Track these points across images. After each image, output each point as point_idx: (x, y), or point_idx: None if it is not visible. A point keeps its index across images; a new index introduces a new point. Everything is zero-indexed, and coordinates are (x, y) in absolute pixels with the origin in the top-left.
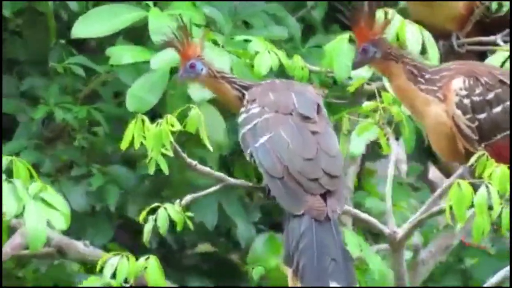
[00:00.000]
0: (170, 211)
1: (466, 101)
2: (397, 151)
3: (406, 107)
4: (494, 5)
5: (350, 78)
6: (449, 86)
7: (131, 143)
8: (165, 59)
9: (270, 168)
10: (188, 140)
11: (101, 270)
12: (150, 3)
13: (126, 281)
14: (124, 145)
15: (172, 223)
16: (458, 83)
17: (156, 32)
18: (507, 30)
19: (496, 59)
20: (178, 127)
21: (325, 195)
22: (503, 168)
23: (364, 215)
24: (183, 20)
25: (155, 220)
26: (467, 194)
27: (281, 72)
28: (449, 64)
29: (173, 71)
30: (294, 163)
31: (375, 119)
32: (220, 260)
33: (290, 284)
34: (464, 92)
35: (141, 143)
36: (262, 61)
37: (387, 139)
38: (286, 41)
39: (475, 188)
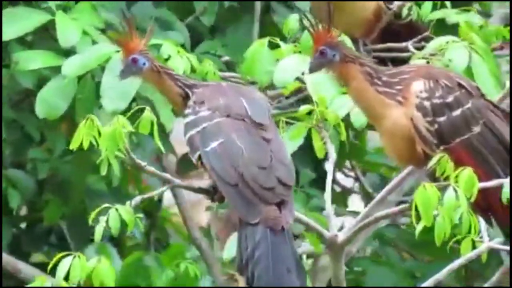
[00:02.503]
0: (122, 212)
1: (427, 103)
2: (334, 156)
3: (361, 110)
4: (404, 11)
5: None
6: (409, 88)
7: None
8: (76, 64)
9: (223, 174)
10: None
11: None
12: (53, 5)
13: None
14: (74, 145)
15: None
16: (418, 86)
17: (64, 36)
18: (419, 37)
19: None
20: (129, 128)
21: (279, 204)
22: (470, 171)
23: (305, 218)
24: (126, 14)
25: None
26: (434, 196)
27: None
28: (404, 67)
29: (81, 75)
30: (249, 171)
31: (311, 122)
32: None
33: None
34: (424, 95)
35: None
36: (175, 65)
37: (324, 143)
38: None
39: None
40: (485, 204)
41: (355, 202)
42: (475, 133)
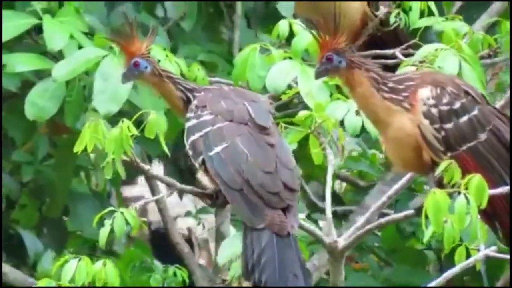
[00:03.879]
0: (127, 216)
1: (434, 110)
2: (334, 161)
3: (367, 115)
4: (392, 20)
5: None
6: (415, 95)
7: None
8: (66, 68)
9: (228, 179)
10: None
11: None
12: (39, 9)
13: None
14: (77, 148)
15: None
16: (425, 92)
17: (51, 40)
18: (406, 44)
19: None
20: (135, 132)
21: (284, 209)
22: (479, 178)
23: (307, 225)
24: (128, 17)
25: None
26: (444, 203)
27: None
28: (410, 73)
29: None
30: (255, 176)
31: (310, 128)
32: None
33: None
34: (431, 102)
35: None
36: None
37: (323, 149)
38: None
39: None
40: (491, 210)
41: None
42: (482, 140)
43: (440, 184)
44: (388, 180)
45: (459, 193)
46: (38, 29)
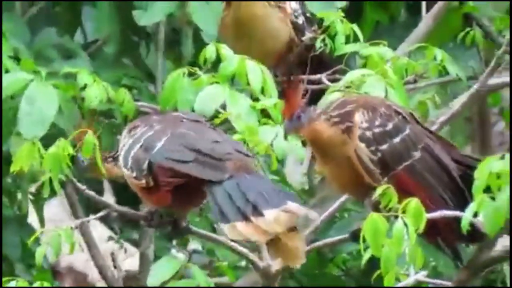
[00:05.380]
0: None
1: (368, 133)
2: None
3: (316, 151)
4: (318, 45)
5: None
6: (352, 120)
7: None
8: None
9: (178, 156)
10: None
11: None
12: None
13: None
14: (15, 167)
15: None
16: (359, 117)
17: None
18: (333, 69)
19: (329, 99)
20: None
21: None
22: (417, 202)
23: (240, 247)
24: None
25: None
26: (382, 226)
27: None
28: (346, 97)
29: None
30: (205, 146)
31: None
32: None
33: (256, 234)
34: (365, 125)
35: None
36: (91, 93)
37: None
38: None
39: None
40: (431, 226)
41: None
42: (416, 158)
43: (376, 209)
44: (312, 205)
45: (396, 217)
46: None
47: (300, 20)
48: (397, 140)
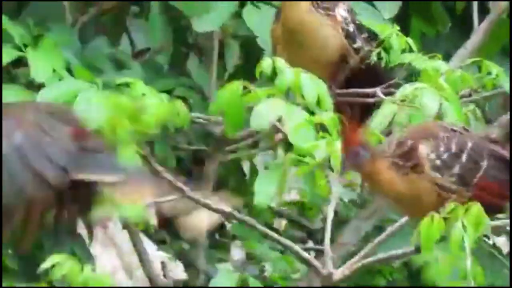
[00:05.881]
0: None
1: (438, 162)
2: (338, 193)
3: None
4: (373, 57)
5: None
6: (417, 155)
7: None
8: (49, 98)
9: None
10: None
11: None
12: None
13: None
14: None
15: None
16: (424, 149)
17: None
18: (388, 83)
19: (383, 113)
20: None
21: None
22: (479, 208)
23: (304, 254)
24: None
25: None
26: (437, 228)
27: None
28: (398, 133)
29: None
30: None
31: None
32: None
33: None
34: (433, 156)
35: None
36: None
37: (328, 181)
38: None
39: None
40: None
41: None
42: (486, 167)
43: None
44: (363, 218)
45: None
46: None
47: (351, 28)
48: (464, 157)
